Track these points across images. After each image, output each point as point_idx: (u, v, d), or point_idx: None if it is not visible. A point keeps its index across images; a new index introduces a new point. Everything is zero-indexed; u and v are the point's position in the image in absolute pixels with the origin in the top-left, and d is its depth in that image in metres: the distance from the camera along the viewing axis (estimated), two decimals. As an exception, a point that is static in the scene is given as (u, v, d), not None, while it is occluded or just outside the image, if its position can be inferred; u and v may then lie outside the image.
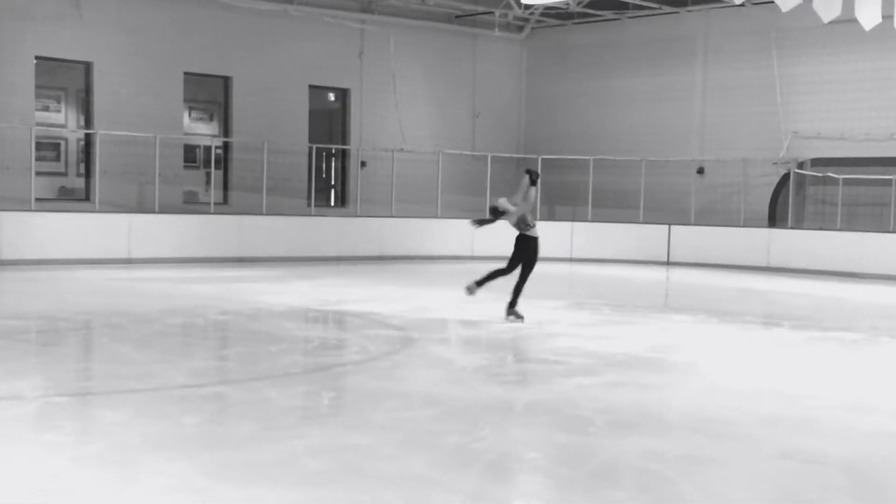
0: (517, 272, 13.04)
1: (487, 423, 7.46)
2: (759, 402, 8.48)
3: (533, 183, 12.86)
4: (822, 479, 6.31)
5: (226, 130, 23.62)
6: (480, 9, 26.23)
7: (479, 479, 6.06)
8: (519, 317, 12.92)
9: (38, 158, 20.35)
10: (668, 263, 23.72)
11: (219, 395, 8.38)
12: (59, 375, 9.09)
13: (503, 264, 13.21)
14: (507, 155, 27.17)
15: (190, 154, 23.36)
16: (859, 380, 9.96)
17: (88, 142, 21.72)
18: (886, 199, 21.76)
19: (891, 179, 21.51)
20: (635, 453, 6.68)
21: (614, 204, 25.40)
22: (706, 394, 8.89)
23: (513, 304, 13.00)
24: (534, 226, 12.94)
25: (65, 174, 22.21)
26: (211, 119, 24.11)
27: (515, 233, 13.12)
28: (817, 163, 23.22)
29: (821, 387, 9.40)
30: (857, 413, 8.26)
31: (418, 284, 18.40)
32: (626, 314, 14.60)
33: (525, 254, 12.94)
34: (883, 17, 14.26)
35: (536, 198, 13.30)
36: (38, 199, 19.95)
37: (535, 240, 12.95)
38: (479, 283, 13.22)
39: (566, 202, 26.48)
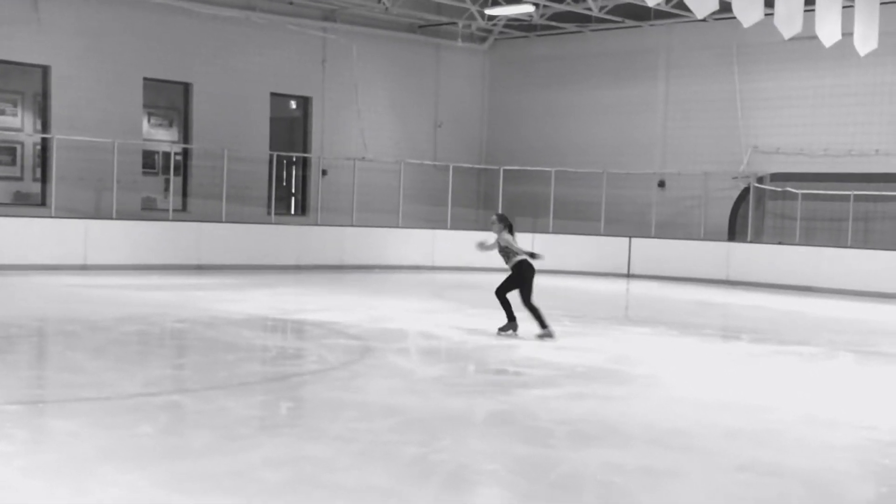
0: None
1: (447, 435, 7.40)
2: (719, 414, 8.48)
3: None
4: (780, 492, 6.31)
5: (185, 137, 23.43)
6: (444, 19, 26.22)
7: (438, 491, 5.99)
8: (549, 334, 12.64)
9: (-7, 162, 20.09)
10: (629, 275, 23.80)
11: (174, 404, 8.26)
12: (11, 383, 8.92)
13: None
14: (469, 165, 27.16)
15: (149, 160, 23.14)
16: (817, 393, 10.00)
17: (45, 146, 21.45)
18: (844, 215, 21.94)
19: (848, 195, 21.69)
20: (595, 465, 6.64)
21: (575, 216, 25.46)
22: (666, 406, 8.87)
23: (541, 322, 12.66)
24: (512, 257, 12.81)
25: (20, 179, 21.91)
26: (170, 125, 23.90)
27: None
28: (777, 177, 23.40)
29: (779, 400, 9.41)
30: (815, 426, 8.28)
31: (378, 294, 18.31)
32: (586, 326, 14.60)
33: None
34: (843, 34, 14.37)
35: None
36: (-8, 204, 19.69)
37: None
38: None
39: (527, 213, 26.47)
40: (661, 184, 25.15)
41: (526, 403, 8.68)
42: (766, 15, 13.13)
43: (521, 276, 12.63)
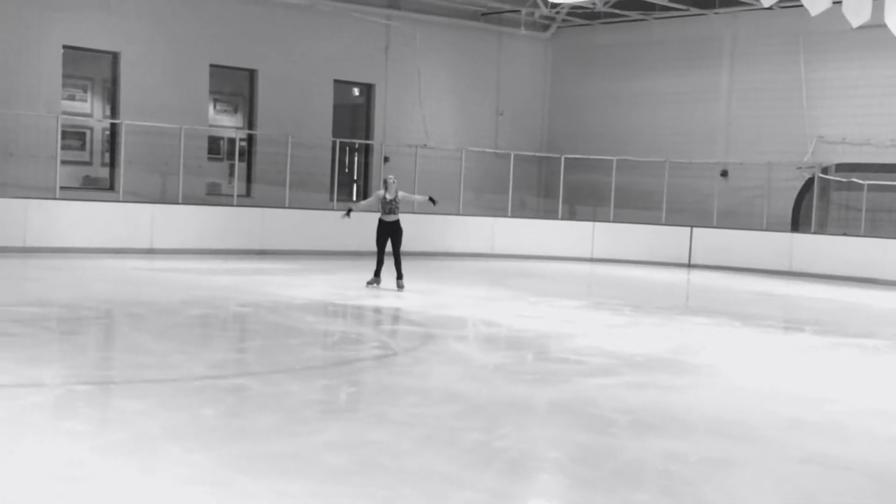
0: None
1: (508, 421, 7.44)
2: (781, 405, 8.43)
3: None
4: (845, 484, 6.27)
5: (250, 123, 23.67)
6: (506, 7, 26.18)
7: (500, 477, 6.04)
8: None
9: (63, 147, 20.43)
10: (690, 265, 23.64)
11: (239, 387, 8.38)
12: (81, 364, 9.12)
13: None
14: (530, 153, 27.13)
15: (214, 146, 23.43)
16: (882, 386, 9.90)
17: (114, 131, 21.81)
18: (911, 206, 21.63)
19: (916, 186, 21.37)
20: (656, 454, 6.64)
21: (636, 205, 25.32)
22: (728, 396, 8.84)
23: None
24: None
25: (90, 163, 22.30)
26: (235, 111, 24.16)
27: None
28: (842, 168, 23.09)
29: (843, 392, 9.34)
30: (881, 419, 8.20)
31: (438, 281, 18.38)
32: (646, 315, 14.54)
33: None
34: (913, 22, 14.12)
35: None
36: (62, 188, 20.03)
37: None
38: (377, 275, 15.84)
39: (588, 202, 26.42)
40: (724, 173, 24.92)
41: (587, 392, 8.70)
42: (833, 3, 12.97)
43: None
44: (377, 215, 16.25)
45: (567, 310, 14.60)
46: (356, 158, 25.97)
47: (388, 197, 15.77)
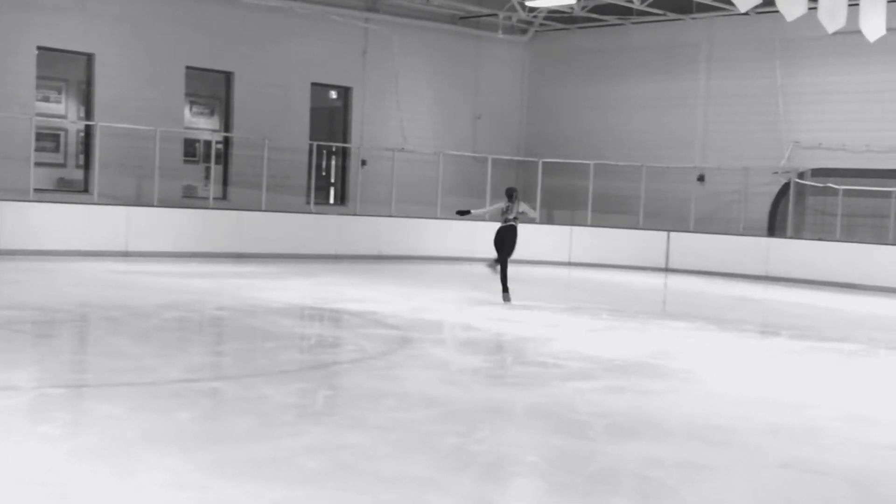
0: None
1: (485, 426, 7.42)
2: (759, 410, 8.44)
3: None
4: (823, 489, 6.27)
5: (226, 125, 23.58)
6: (484, 11, 26.20)
7: (477, 481, 6.01)
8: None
9: (37, 149, 20.29)
10: (667, 270, 23.69)
11: (215, 390, 8.33)
12: (55, 367, 9.04)
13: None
14: (508, 157, 27.13)
15: (190, 148, 23.32)
16: (859, 391, 9.92)
17: (88, 133, 21.67)
18: (886, 211, 21.72)
19: (891, 192, 21.47)
20: (634, 459, 6.63)
21: (614, 209, 25.37)
22: (705, 401, 8.84)
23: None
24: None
25: (64, 165, 22.16)
26: (212, 114, 24.06)
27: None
28: (818, 173, 23.19)
29: (820, 397, 9.36)
30: (858, 424, 8.22)
31: (416, 285, 18.36)
32: (624, 319, 14.55)
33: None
34: (887, 29, 14.20)
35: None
36: (36, 190, 19.90)
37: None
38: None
39: (566, 206, 26.45)
40: (701, 178, 25.00)
41: (564, 396, 8.68)
42: (809, 9, 13.02)
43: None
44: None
45: (545, 314, 14.59)
46: (333, 161, 25.92)
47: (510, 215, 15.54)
